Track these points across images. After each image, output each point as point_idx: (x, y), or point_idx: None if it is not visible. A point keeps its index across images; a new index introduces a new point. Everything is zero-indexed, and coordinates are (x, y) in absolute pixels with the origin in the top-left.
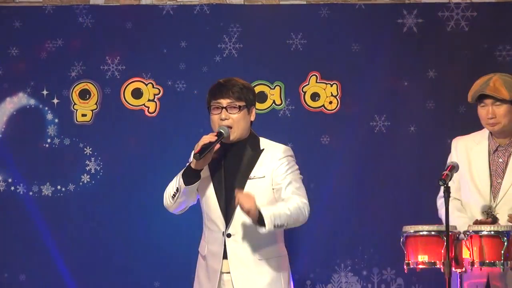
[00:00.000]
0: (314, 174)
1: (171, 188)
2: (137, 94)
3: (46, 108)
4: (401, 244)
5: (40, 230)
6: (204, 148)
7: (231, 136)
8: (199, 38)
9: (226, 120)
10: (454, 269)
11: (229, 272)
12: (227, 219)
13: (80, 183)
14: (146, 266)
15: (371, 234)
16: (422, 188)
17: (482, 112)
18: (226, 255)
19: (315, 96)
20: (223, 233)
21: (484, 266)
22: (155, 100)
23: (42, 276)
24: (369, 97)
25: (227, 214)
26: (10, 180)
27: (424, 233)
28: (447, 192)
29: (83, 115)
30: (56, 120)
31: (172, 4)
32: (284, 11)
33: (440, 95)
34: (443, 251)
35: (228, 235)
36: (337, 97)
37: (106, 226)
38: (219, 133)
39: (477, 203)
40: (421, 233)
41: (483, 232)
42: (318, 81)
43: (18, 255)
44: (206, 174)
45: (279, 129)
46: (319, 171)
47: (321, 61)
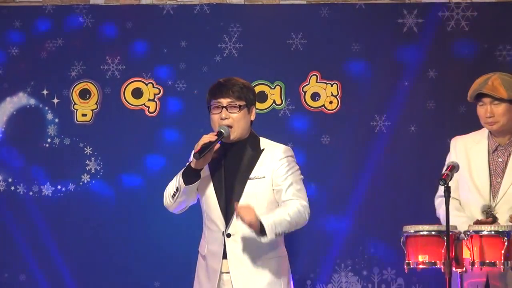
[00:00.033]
0: (314, 174)
1: (171, 187)
2: (137, 94)
3: (46, 108)
4: (401, 244)
5: (40, 230)
6: (204, 147)
7: (231, 136)
8: (199, 38)
9: (226, 119)
10: (454, 269)
11: (228, 272)
12: (227, 219)
13: (80, 183)
14: (146, 266)
15: (371, 234)
16: (422, 188)
17: (480, 111)
18: (225, 255)
19: (315, 96)
20: (223, 233)
21: (484, 266)
22: (155, 100)
23: (42, 276)
24: (369, 97)
25: (227, 214)
26: (10, 180)
27: (425, 233)
28: (447, 192)
29: (83, 115)
30: (56, 120)
31: (172, 4)
32: (284, 11)
33: (440, 95)
34: (443, 251)
35: (228, 235)
36: (337, 97)
37: (106, 226)
38: (219, 132)
39: (476, 202)
40: (421, 233)
41: (483, 232)
42: (318, 81)
43: (18, 255)
44: (206, 174)
45: (279, 129)
46: (319, 171)
47: (321, 61)
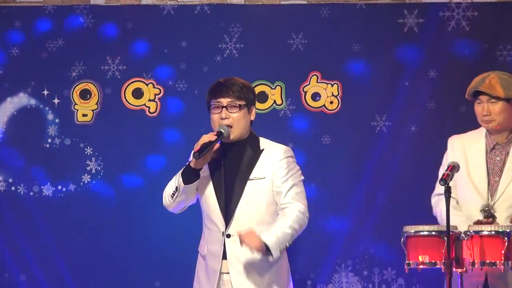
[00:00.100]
0: (315, 174)
1: (171, 187)
2: (137, 94)
3: (47, 108)
4: (401, 244)
5: (40, 230)
6: (204, 147)
7: (231, 136)
8: (200, 38)
9: (226, 119)
10: (454, 269)
11: (228, 273)
12: (226, 220)
13: (81, 183)
14: (146, 266)
15: (371, 234)
16: (422, 188)
17: (478, 109)
18: (225, 256)
19: (315, 96)
20: (222, 233)
21: (484, 266)
22: (155, 100)
23: (42, 276)
24: (370, 97)
25: (226, 215)
26: (11, 180)
27: (425, 233)
28: (448, 192)
29: (84, 115)
30: (57, 120)
31: (173, 4)
32: (284, 11)
33: (441, 95)
34: (444, 251)
35: (228, 235)
36: (338, 97)
37: (106, 226)
38: (219, 132)
39: (474, 201)
40: (421, 233)
41: (483, 232)
42: (318, 81)
43: (18, 255)
44: (205, 174)
45: (280, 129)
46: (320, 171)
47: (321, 61)
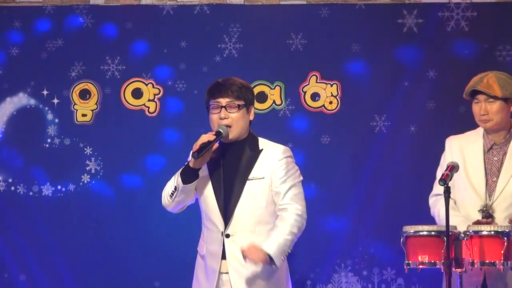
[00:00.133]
0: (314, 174)
1: (169, 187)
2: (137, 94)
3: (46, 108)
4: (401, 244)
5: (40, 230)
6: (203, 147)
7: (230, 135)
8: (199, 38)
9: (225, 119)
10: (454, 269)
11: (227, 273)
12: (226, 220)
13: (80, 183)
14: (146, 266)
15: (371, 234)
16: (422, 188)
17: (475, 108)
18: (224, 255)
19: (315, 96)
20: (221, 233)
21: (484, 266)
22: (155, 100)
23: (42, 276)
24: (369, 97)
25: (226, 215)
26: (10, 180)
27: (424, 233)
28: (447, 192)
29: (83, 115)
30: (56, 120)
31: (172, 4)
32: (284, 11)
33: (440, 95)
34: (443, 251)
35: (227, 235)
36: (337, 97)
37: (106, 226)
38: (218, 132)
39: (472, 201)
40: (421, 233)
41: (483, 232)
42: (318, 81)
43: (18, 255)
44: (204, 174)
45: (279, 129)
46: (319, 171)
47: (321, 61)
